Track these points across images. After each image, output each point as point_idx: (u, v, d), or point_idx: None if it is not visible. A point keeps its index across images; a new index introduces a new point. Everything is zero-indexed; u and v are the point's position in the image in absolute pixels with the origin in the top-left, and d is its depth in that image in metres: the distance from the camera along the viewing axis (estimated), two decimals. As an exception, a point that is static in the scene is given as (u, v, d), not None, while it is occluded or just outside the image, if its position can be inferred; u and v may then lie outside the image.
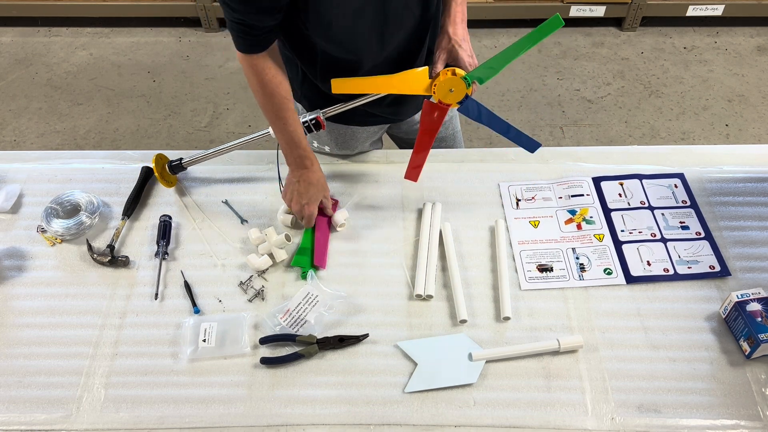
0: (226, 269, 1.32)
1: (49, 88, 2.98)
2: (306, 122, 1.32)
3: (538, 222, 1.39)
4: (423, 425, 1.10)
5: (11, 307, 1.27)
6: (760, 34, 3.20)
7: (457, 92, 1.19)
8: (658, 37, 3.21)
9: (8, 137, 2.77)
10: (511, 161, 1.51)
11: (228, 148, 1.41)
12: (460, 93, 1.19)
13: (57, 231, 1.34)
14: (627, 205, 1.41)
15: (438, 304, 1.26)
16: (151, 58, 3.14)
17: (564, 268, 1.30)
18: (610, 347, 1.19)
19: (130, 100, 2.92)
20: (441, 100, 1.20)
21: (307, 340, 1.18)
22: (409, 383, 1.14)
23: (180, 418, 1.11)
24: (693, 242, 1.34)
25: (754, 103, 2.86)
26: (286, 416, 1.11)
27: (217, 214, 1.42)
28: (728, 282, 1.28)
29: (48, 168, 1.52)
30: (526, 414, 1.11)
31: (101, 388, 1.15)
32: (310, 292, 1.23)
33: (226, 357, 1.18)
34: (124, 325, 1.23)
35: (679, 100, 2.88)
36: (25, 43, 3.23)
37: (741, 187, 1.45)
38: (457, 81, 1.18)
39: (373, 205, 1.43)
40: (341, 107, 1.32)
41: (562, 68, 3.05)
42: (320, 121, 1.32)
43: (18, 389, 1.15)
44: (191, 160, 1.44)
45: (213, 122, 2.83)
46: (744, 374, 1.15)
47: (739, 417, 1.10)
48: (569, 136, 2.74)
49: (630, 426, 1.09)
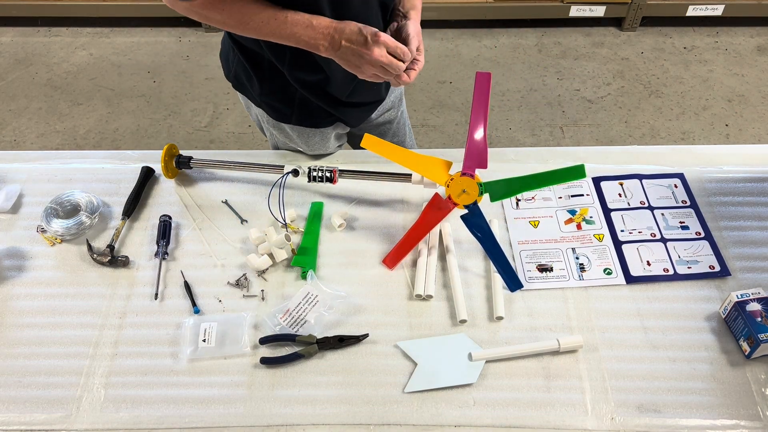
0: (226, 269, 1.32)
1: (49, 88, 2.98)
2: (315, 176, 1.36)
3: (537, 222, 1.39)
4: (423, 425, 1.10)
5: (11, 307, 1.27)
6: (760, 34, 3.20)
7: (469, 195, 1.23)
8: (658, 37, 3.21)
9: (8, 137, 2.77)
10: (511, 161, 1.51)
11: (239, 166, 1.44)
12: (472, 197, 1.23)
13: (57, 231, 1.35)
14: (627, 205, 1.41)
15: (438, 304, 1.26)
16: (151, 58, 3.14)
17: (564, 268, 1.30)
18: (610, 347, 1.19)
19: (130, 100, 2.92)
20: (451, 197, 1.24)
21: (307, 340, 1.18)
22: (409, 383, 1.14)
23: (180, 418, 1.11)
24: (693, 242, 1.34)
25: (754, 103, 2.86)
26: (286, 416, 1.11)
27: (217, 214, 1.42)
28: (728, 282, 1.28)
29: (48, 168, 1.52)
30: (525, 414, 1.11)
31: (101, 388, 1.15)
32: (310, 292, 1.23)
33: (226, 357, 1.18)
34: (123, 325, 1.24)
35: (679, 100, 2.88)
36: (25, 43, 3.23)
37: (741, 187, 1.45)
38: (472, 184, 1.23)
39: (373, 204, 1.43)
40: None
41: (562, 68, 3.05)
42: (335, 175, 1.37)
43: (18, 389, 1.15)
44: (200, 162, 1.45)
45: (213, 122, 2.83)
46: (744, 374, 1.15)
47: (739, 417, 1.10)
48: (569, 136, 2.74)
49: (630, 426, 1.09)
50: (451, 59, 3.13)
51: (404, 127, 1.67)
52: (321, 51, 1.13)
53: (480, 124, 1.26)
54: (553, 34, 3.22)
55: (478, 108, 1.27)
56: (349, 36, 1.10)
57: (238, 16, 1.08)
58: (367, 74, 1.15)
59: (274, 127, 1.44)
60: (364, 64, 1.12)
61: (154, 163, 1.48)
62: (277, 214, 1.34)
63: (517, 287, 1.26)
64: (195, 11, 1.10)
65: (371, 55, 1.10)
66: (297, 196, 1.44)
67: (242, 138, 2.76)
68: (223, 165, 1.47)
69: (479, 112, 1.27)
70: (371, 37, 1.09)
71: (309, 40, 1.11)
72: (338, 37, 1.10)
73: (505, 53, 3.14)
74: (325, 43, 1.11)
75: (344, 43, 1.10)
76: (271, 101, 1.36)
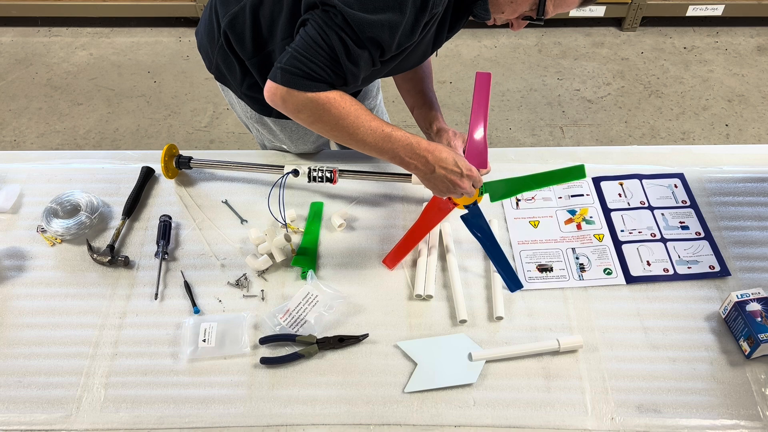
0: (226, 269, 1.32)
1: (49, 88, 2.98)
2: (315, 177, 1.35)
3: (537, 222, 1.39)
4: (423, 425, 1.10)
5: (11, 307, 1.27)
6: (760, 34, 3.20)
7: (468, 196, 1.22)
8: (658, 37, 3.21)
9: (8, 137, 2.77)
10: (511, 161, 1.51)
11: (239, 166, 1.44)
12: (472, 197, 1.23)
13: (57, 231, 1.34)
14: (627, 205, 1.41)
15: (438, 304, 1.26)
16: (151, 58, 3.14)
17: (564, 268, 1.30)
18: (609, 347, 1.19)
19: (130, 100, 2.92)
20: (451, 197, 1.23)
21: (307, 340, 1.18)
22: (409, 383, 1.14)
23: (180, 418, 1.11)
24: (693, 242, 1.34)
25: (754, 103, 2.86)
26: (286, 416, 1.11)
27: (217, 214, 1.42)
28: (728, 282, 1.28)
29: (48, 168, 1.52)
30: (525, 414, 1.11)
31: (101, 388, 1.15)
32: (310, 292, 1.23)
33: (226, 357, 1.18)
34: (123, 325, 1.23)
35: (679, 100, 2.88)
36: (25, 43, 3.23)
37: (741, 187, 1.45)
38: None
39: (373, 204, 1.43)
40: None
41: (562, 68, 3.05)
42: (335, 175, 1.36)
43: (18, 389, 1.15)
44: (200, 162, 1.45)
45: (213, 122, 2.83)
46: (744, 374, 1.15)
47: (739, 417, 1.10)
48: (569, 136, 2.74)
49: (630, 426, 1.09)
50: (451, 59, 3.13)
51: (381, 116, 1.68)
52: (411, 170, 1.17)
53: (480, 124, 1.26)
54: (553, 34, 3.22)
55: (478, 108, 1.27)
56: (445, 165, 1.15)
57: (353, 117, 1.10)
58: (443, 195, 1.22)
59: (258, 122, 1.44)
60: (450, 192, 1.19)
61: (154, 163, 1.48)
62: (277, 214, 1.34)
63: (517, 287, 1.26)
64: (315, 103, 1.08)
65: (463, 188, 1.18)
66: (297, 196, 1.44)
67: (242, 138, 2.76)
68: (223, 165, 1.47)
69: (479, 112, 1.27)
70: (465, 171, 1.16)
71: (405, 158, 1.15)
72: (432, 160, 1.15)
73: (505, 53, 3.14)
74: (419, 164, 1.15)
75: (439, 170, 1.15)
76: (253, 93, 1.35)
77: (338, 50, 1.02)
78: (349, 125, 1.10)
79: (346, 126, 1.10)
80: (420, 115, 1.37)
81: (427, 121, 1.34)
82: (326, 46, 1.02)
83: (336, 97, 1.08)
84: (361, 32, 1.01)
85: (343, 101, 1.09)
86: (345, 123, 1.10)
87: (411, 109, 1.41)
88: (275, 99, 1.08)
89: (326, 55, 1.03)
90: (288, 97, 1.07)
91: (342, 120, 1.09)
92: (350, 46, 1.02)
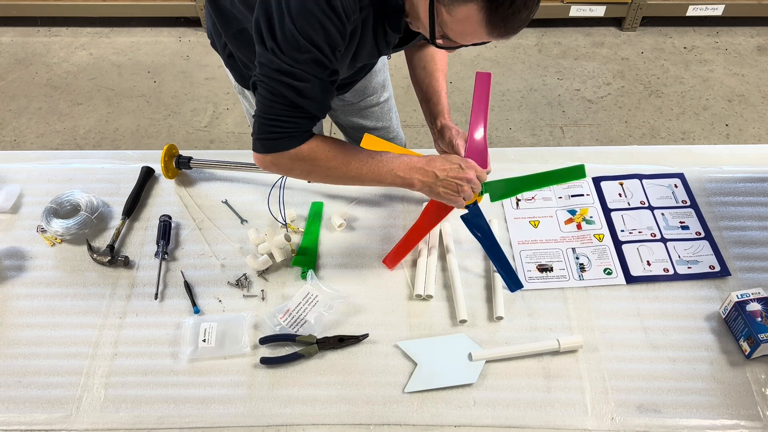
0: (226, 269, 1.32)
1: (49, 88, 2.98)
2: None
3: (538, 222, 1.39)
4: (423, 425, 1.10)
5: (11, 307, 1.27)
6: (760, 34, 3.20)
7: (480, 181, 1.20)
8: (658, 37, 3.21)
9: (8, 137, 2.77)
10: (511, 161, 1.51)
11: (238, 166, 1.44)
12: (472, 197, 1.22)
13: (57, 231, 1.34)
14: (627, 205, 1.41)
15: (438, 304, 1.26)
16: (151, 58, 3.14)
17: (564, 268, 1.30)
18: (609, 347, 1.19)
19: (130, 100, 2.92)
20: None
21: (307, 340, 1.18)
22: (409, 383, 1.14)
23: (180, 418, 1.11)
24: (693, 242, 1.34)
25: (754, 103, 2.86)
26: (286, 416, 1.11)
27: (217, 214, 1.42)
28: (728, 282, 1.28)
29: (48, 168, 1.52)
30: (525, 414, 1.11)
31: (101, 388, 1.15)
32: (310, 292, 1.23)
33: (226, 357, 1.18)
34: (123, 325, 1.23)
35: (679, 100, 2.88)
36: (25, 43, 3.23)
37: (741, 187, 1.45)
38: None
39: (373, 204, 1.43)
40: None
41: (562, 68, 3.05)
42: None
43: (18, 389, 1.15)
44: (200, 162, 1.45)
45: (213, 122, 2.83)
46: (744, 374, 1.15)
47: (739, 417, 1.10)
48: (569, 136, 2.74)
49: (630, 426, 1.09)
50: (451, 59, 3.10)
51: (389, 113, 1.67)
52: (415, 185, 1.16)
53: (480, 124, 1.26)
54: (553, 33, 3.22)
55: (478, 108, 1.27)
56: (442, 166, 1.14)
57: (342, 155, 1.12)
58: (460, 204, 1.19)
59: (240, 93, 1.44)
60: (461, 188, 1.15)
61: (154, 163, 1.48)
62: (277, 214, 1.34)
63: (517, 287, 1.26)
64: (300, 156, 1.10)
65: (469, 177, 1.14)
66: (297, 196, 1.44)
67: (242, 138, 2.76)
68: (223, 165, 1.47)
69: (479, 112, 1.26)
70: (462, 163, 1.15)
71: (404, 175, 1.14)
72: (430, 168, 1.14)
73: (505, 53, 3.14)
74: (419, 176, 1.15)
75: (439, 173, 1.14)
76: (232, 62, 1.34)
77: (289, 96, 1.03)
78: (339, 165, 1.12)
79: (338, 165, 1.12)
80: (426, 109, 1.36)
81: (432, 117, 1.33)
82: (279, 97, 1.03)
83: (317, 143, 1.10)
84: (296, 64, 1.00)
85: (324, 144, 1.11)
86: (335, 163, 1.11)
87: (420, 102, 1.40)
88: (268, 167, 1.12)
89: (283, 105, 1.04)
90: (275, 161, 1.10)
91: (331, 161, 1.11)
92: (295, 85, 1.02)
